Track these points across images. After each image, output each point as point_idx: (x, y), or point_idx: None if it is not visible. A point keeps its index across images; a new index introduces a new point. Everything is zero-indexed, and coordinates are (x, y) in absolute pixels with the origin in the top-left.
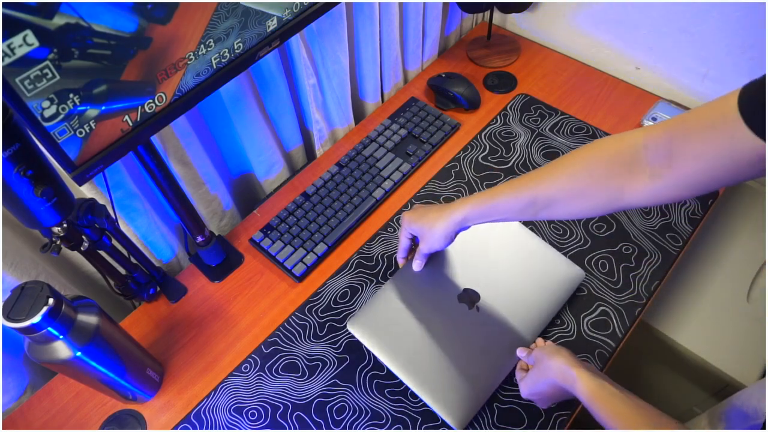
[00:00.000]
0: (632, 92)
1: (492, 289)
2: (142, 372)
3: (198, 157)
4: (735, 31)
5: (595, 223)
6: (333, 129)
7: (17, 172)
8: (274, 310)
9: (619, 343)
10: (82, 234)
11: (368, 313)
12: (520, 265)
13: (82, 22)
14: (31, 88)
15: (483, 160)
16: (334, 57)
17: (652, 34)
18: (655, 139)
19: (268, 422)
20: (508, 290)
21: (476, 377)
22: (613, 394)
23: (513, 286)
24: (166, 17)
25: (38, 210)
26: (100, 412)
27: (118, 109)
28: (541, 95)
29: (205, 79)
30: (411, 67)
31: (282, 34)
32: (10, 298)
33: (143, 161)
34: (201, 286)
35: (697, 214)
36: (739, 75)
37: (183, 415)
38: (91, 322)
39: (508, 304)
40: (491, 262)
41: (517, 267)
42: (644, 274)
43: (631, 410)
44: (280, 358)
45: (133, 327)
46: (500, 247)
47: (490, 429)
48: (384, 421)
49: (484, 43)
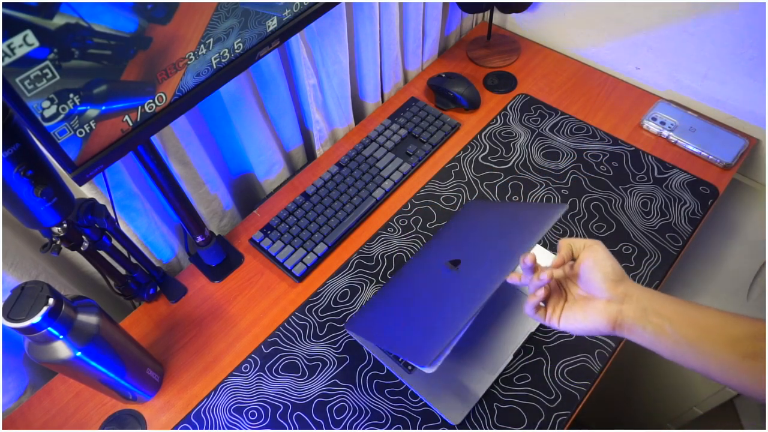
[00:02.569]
0: (632, 92)
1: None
2: (142, 372)
3: (198, 157)
4: (735, 31)
5: (595, 223)
6: (333, 129)
7: (17, 172)
8: (274, 310)
9: (619, 343)
10: (82, 234)
11: (366, 314)
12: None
13: (82, 22)
14: (31, 88)
15: (483, 160)
16: (334, 57)
17: (652, 34)
18: None
19: (268, 422)
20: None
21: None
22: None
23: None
24: (166, 17)
25: (38, 210)
26: (100, 412)
27: (118, 109)
28: (541, 95)
29: (205, 79)
30: (411, 67)
31: (282, 34)
32: (10, 298)
33: (143, 161)
34: (201, 286)
35: (697, 214)
36: (739, 75)
37: (183, 415)
38: (91, 322)
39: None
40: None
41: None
42: (644, 274)
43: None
44: (280, 358)
45: (133, 327)
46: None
47: (490, 429)
48: (384, 421)
49: (484, 43)
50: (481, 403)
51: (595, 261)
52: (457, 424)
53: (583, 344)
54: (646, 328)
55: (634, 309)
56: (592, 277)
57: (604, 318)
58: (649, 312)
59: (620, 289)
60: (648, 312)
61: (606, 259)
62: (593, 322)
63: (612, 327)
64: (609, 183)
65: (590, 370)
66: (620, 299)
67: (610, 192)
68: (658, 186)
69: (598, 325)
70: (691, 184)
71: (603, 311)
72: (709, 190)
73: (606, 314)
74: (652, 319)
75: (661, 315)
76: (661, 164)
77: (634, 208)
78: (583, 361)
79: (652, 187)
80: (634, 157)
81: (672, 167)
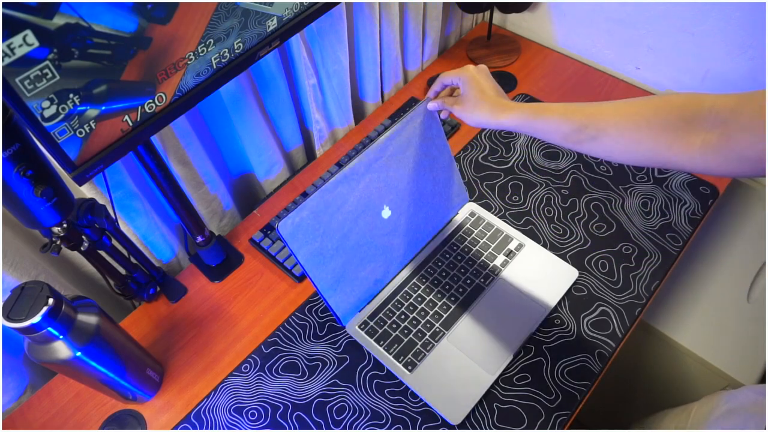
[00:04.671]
0: (632, 92)
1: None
2: (142, 372)
3: (198, 157)
4: (735, 31)
5: (595, 223)
6: (333, 129)
7: (17, 172)
8: (274, 310)
9: (619, 343)
10: (82, 234)
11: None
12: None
13: (82, 22)
14: (31, 88)
15: (483, 160)
16: (334, 57)
17: (652, 34)
18: (724, 103)
19: (268, 422)
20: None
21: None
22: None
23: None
24: (166, 17)
25: (38, 210)
26: (100, 412)
27: (118, 109)
28: (541, 95)
29: (205, 79)
30: (411, 67)
31: (282, 34)
32: (10, 298)
33: (143, 161)
34: (201, 286)
35: (697, 214)
36: (739, 75)
37: (183, 415)
38: (91, 322)
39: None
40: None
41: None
42: (644, 274)
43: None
44: (280, 358)
45: (133, 327)
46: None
47: (490, 429)
48: (384, 421)
49: (484, 43)
50: (481, 403)
51: (470, 81)
52: (457, 424)
53: (583, 344)
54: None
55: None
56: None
57: (487, 106)
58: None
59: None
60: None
61: (481, 80)
62: (478, 109)
63: (496, 114)
64: (609, 183)
65: (590, 370)
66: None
67: (610, 192)
68: (658, 186)
69: (482, 111)
70: (691, 184)
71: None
72: (709, 190)
73: (488, 105)
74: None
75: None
76: None
77: (634, 208)
78: (583, 361)
79: (652, 187)
80: None
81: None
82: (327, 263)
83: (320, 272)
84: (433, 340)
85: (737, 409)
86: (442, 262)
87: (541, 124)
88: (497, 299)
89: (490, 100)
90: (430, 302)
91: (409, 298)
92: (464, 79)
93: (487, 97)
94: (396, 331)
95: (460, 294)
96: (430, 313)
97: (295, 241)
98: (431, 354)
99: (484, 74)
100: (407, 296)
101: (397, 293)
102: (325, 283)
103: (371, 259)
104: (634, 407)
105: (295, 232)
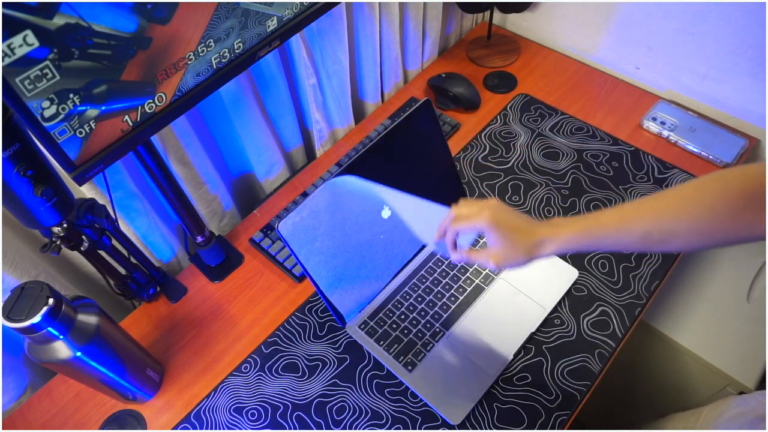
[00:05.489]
0: (632, 92)
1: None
2: (142, 372)
3: (198, 157)
4: (735, 31)
5: None
6: (333, 129)
7: (17, 172)
8: (274, 310)
9: (619, 343)
10: (82, 234)
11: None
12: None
13: (82, 22)
14: (31, 88)
15: (483, 160)
16: (334, 57)
17: (652, 34)
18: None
19: (268, 422)
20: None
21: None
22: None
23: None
24: (166, 17)
25: (38, 210)
26: (100, 412)
27: (118, 109)
28: (541, 95)
29: (205, 79)
30: (411, 67)
31: (282, 34)
32: (10, 298)
33: (143, 161)
34: (201, 286)
35: None
36: (739, 75)
37: (183, 415)
38: (91, 322)
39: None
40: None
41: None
42: (644, 274)
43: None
44: (280, 358)
45: (133, 327)
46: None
47: (490, 429)
48: (384, 421)
49: (484, 43)
50: (481, 403)
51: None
52: (457, 424)
53: (583, 344)
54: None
55: (546, 226)
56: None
57: (522, 247)
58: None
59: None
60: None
61: (506, 219)
62: (514, 254)
63: (540, 248)
64: (609, 183)
65: (590, 370)
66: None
67: (610, 192)
68: (658, 186)
69: (518, 254)
70: None
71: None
72: None
73: (523, 244)
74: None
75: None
76: (661, 164)
77: None
78: (583, 361)
79: (652, 187)
80: (634, 157)
81: (672, 167)
82: (327, 263)
83: (320, 272)
84: (433, 340)
85: (747, 412)
86: (442, 262)
87: (596, 245)
88: (497, 299)
89: (525, 237)
90: (430, 302)
91: (409, 298)
92: (487, 228)
93: (521, 234)
94: (396, 331)
95: (460, 294)
96: (430, 313)
97: (295, 240)
98: (431, 354)
99: (503, 211)
100: (407, 296)
101: (397, 293)
102: (325, 283)
103: (371, 259)
104: (635, 407)
105: (295, 232)
